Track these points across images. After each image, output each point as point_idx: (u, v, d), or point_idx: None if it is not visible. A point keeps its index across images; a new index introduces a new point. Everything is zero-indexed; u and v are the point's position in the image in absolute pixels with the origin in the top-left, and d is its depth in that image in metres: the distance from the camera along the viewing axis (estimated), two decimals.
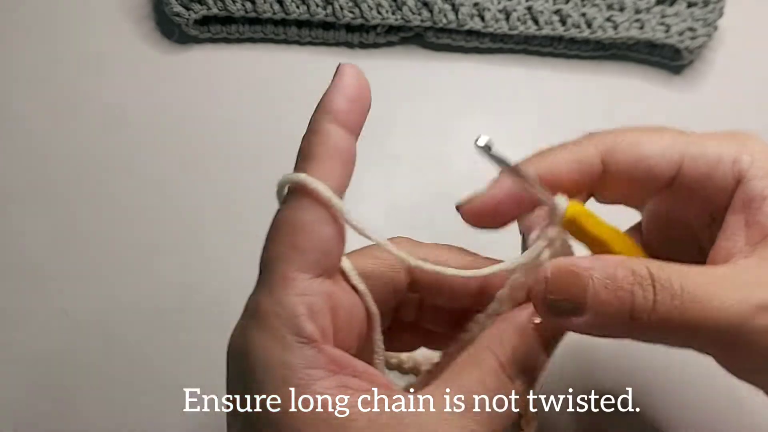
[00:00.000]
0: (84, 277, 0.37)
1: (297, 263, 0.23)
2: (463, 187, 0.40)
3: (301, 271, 0.23)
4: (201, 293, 0.37)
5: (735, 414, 0.36)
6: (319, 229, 0.23)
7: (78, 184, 0.40)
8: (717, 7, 0.42)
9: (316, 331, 0.22)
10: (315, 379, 0.22)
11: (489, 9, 0.42)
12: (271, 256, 0.23)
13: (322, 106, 0.24)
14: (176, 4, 0.41)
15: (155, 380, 0.30)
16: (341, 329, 0.24)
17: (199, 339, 0.36)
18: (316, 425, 0.22)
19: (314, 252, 0.23)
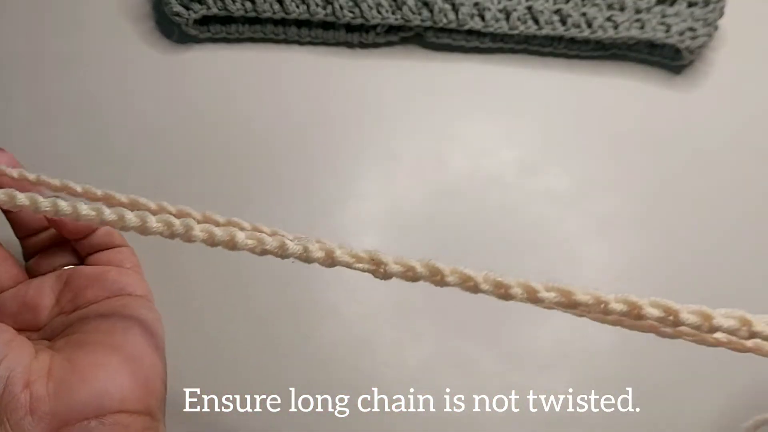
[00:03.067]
0: None
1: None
2: (463, 187, 0.41)
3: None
4: (200, 293, 0.37)
5: (735, 413, 0.36)
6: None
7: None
8: (718, 7, 0.42)
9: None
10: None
11: (489, 9, 0.42)
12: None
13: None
14: (176, 4, 0.41)
15: None
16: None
17: (199, 339, 0.36)
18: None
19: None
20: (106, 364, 0.27)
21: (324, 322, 0.37)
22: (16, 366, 0.25)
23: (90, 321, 0.29)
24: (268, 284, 0.38)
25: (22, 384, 0.25)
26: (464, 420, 0.35)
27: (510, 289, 0.26)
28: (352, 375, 0.36)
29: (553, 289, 0.25)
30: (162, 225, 0.26)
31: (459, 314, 0.37)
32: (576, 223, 0.40)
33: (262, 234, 0.26)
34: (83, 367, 0.26)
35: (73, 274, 0.31)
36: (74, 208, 0.26)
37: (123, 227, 0.26)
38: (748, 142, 0.42)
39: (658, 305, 0.23)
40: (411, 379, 0.36)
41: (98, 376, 0.26)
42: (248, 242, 0.25)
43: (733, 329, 0.23)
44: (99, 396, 0.26)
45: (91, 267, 0.32)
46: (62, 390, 0.25)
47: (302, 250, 0.26)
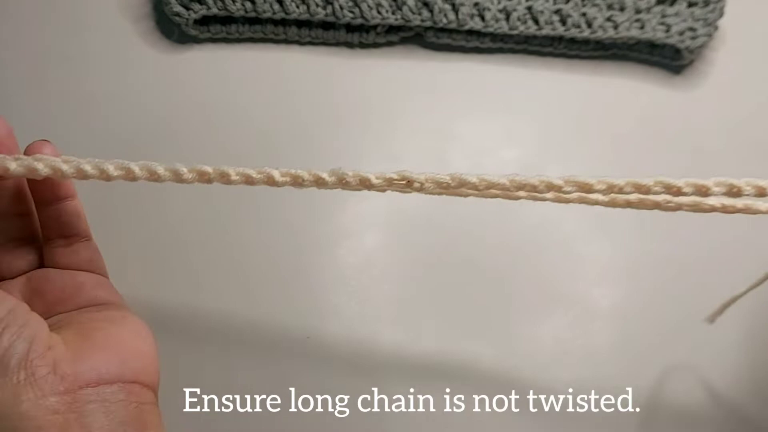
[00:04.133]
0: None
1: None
2: None
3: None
4: (201, 293, 0.37)
5: (735, 414, 0.36)
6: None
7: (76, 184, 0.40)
8: (717, 7, 0.42)
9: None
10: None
11: (489, 9, 0.42)
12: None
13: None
14: (176, 4, 0.41)
15: None
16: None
17: (199, 339, 0.36)
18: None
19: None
20: (119, 339, 0.28)
21: (324, 322, 0.37)
22: (40, 330, 0.26)
23: (83, 315, 0.29)
24: (268, 284, 0.38)
25: (45, 345, 0.25)
26: (464, 420, 0.35)
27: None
28: (352, 375, 0.36)
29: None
30: (195, 174, 0.29)
31: (459, 314, 0.37)
32: (576, 223, 0.40)
33: (297, 171, 0.29)
34: (97, 340, 0.27)
35: (43, 281, 0.30)
36: (100, 169, 0.28)
37: (157, 178, 0.29)
38: (748, 142, 0.42)
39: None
40: (411, 379, 0.36)
41: (114, 347, 0.27)
42: (285, 179, 0.29)
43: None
44: (118, 364, 0.26)
45: (61, 274, 0.31)
46: (82, 356, 0.26)
47: (336, 180, 0.30)
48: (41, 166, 0.28)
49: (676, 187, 0.26)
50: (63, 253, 0.31)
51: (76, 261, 0.31)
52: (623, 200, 0.29)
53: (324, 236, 0.39)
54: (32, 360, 0.24)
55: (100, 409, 0.25)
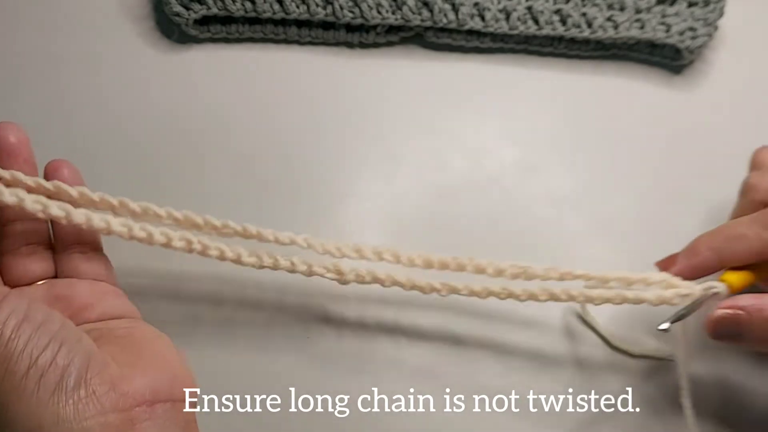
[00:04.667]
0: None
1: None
2: (463, 186, 0.41)
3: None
4: (201, 292, 0.37)
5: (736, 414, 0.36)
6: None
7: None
8: (718, 7, 0.42)
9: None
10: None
11: (489, 9, 0.42)
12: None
13: None
14: (176, 4, 0.41)
15: None
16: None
17: (199, 339, 0.36)
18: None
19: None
20: (167, 356, 0.28)
21: (324, 322, 0.37)
22: (94, 346, 0.26)
23: (114, 329, 0.29)
24: (268, 284, 0.38)
25: (101, 363, 0.25)
26: (464, 420, 0.35)
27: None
28: (352, 375, 0.36)
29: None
30: (185, 242, 0.31)
31: (459, 314, 0.37)
32: (576, 223, 0.40)
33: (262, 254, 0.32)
34: (145, 356, 0.27)
35: (67, 288, 0.30)
36: (107, 222, 0.30)
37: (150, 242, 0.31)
38: (748, 142, 0.42)
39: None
40: (411, 379, 0.36)
41: (164, 364, 0.27)
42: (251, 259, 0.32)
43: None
44: (169, 382, 0.27)
45: (85, 283, 0.31)
46: (136, 373, 0.26)
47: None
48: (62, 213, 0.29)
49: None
50: (81, 260, 0.31)
51: (92, 270, 0.31)
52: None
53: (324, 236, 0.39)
54: (91, 378, 0.24)
55: (153, 427, 0.25)
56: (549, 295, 0.33)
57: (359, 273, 0.33)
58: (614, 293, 0.32)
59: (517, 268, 0.33)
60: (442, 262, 0.33)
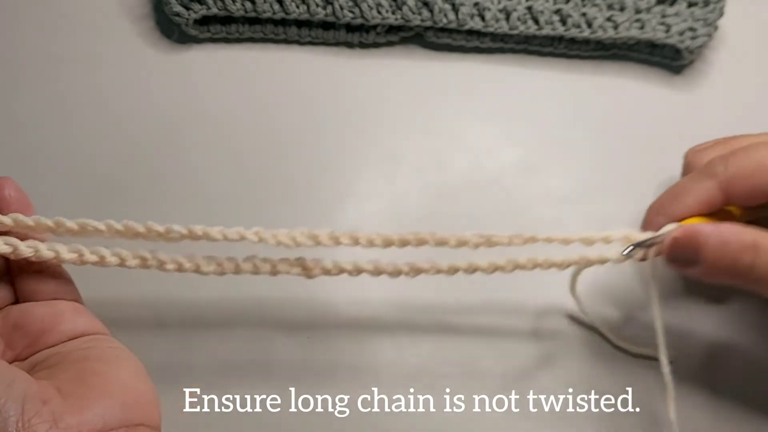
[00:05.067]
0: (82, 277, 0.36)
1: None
2: (464, 186, 0.41)
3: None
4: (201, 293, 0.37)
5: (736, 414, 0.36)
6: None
7: (76, 184, 0.40)
8: (717, 7, 0.42)
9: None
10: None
11: (489, 9, 0.42)
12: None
13: None
14: (176, 4, 0.41)
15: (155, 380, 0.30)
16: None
17: (199, 339, 0.36)
18: None
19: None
20: (118, 381, 0.27)
21: (324, 322, 0.37)
22: (30, 386, 0.25)
23: (70, 353, 0.28)
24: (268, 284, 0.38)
25: (40, 401, 0.24)
26: (464, 420, 0.35)
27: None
28: (352, 375, 0.36)
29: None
30: (117, 258, 0.30)
31: (459, 314, 0.37)
32: (576, 223, 0.40)
33: (222, 259, 0.31)
34: (96, 385, 0.26)
35: (21, 316, 0.29)
36: (55, 251, 0.29)
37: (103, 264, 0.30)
38: None
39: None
40: (411, 379, 0.36)
41: (115, 391, 0.26)
42: (211, 268, 0.31)
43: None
44: (121, 409, 0.26)
45: (39, 306, 0.30)
46: (83, 404, 0.25)
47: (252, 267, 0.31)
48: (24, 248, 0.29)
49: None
50: (37, 281, 0.30)
51: (49, 289, 0.30)
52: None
53: None
54: (29, 419, 0.24)
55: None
56: (514, 264, 0.32)
57: (324, 266, 0.31)
58: (578, 256, 0.33)
59: (479, 237, 0.32)
60: (402, 239, 0.32)
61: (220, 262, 0.31)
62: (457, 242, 0.32)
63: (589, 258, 0.33)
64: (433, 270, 0.32)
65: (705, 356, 0.37)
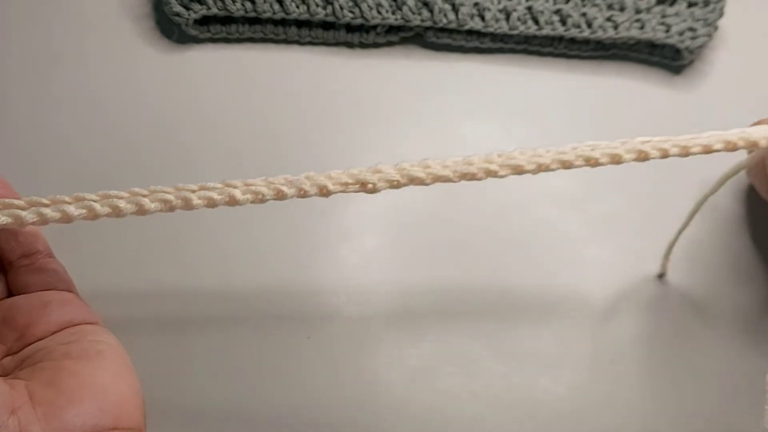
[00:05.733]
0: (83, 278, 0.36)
1: None
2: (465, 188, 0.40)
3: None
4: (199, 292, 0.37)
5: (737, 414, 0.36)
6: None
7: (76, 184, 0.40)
8: (717, 7, 0.42)
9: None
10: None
11: (489, 9, 0.42)
12: None
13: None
14: (176, 4, 0.41)
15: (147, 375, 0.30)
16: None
17: (198, 339, 0.36)
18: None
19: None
20: (94, 383, 0.26)
21: (324, 322, 0.37)
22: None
23: (53, 349, 0.28)
24: (268, 284, 0.38)
25: (7, 412, 0.24)
26: (464, 420, 0.35)
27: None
28: (353, 375, 0.36)
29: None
30: (159, 203, 0.27)
31: (459, 314, 0.37)
32: (576, 223, 0.40)
33: (257, 186, 0.28)
34: (70, 389, 0.26)
35: (9, 310, 0.29)
36: (63, 212, 0.27)
37: (119, 214, 0.27)
38: None
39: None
40: (411, 380, 0.36)
41: (89, 395, 0.26)
42: (247, 197, 0.28)
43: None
44: (95, 413, 0.25)
45: (26, 298, 0.29)
46: (53, 412, 0.25)
47: (296, 192, 0.29)
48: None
49: (594, 158, 0.29)
50: (26, 272, 0.30)
51: (40, 280, 0.30)
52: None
53: (324, 235, 0.39)
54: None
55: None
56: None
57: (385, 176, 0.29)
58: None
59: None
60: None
61: (258, 190, 0.28)
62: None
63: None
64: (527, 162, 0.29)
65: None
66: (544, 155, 0.29)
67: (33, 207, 0.27)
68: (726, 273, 0.38)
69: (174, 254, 0.38)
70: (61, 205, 0.27)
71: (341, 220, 0.39)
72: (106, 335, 0.29)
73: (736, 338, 0.37)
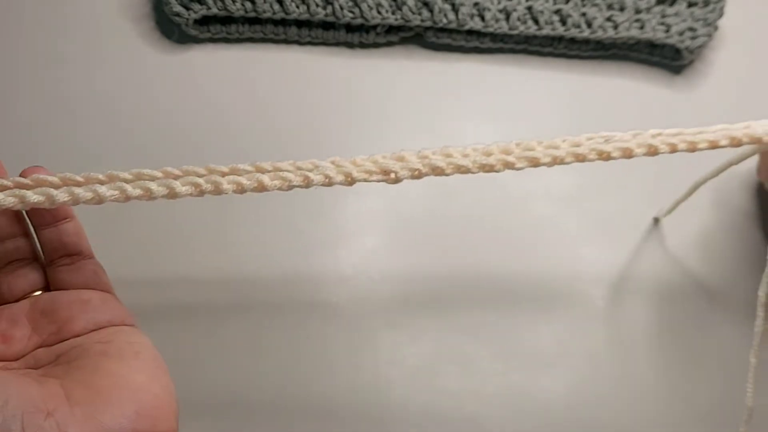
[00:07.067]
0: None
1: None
2: (463, 186, 0.41)
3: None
4: (199, 292, 0.37)
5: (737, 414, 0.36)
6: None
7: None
8: (717, 7, 0.42)
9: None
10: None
11: (489, 9, 0.42)
12: None
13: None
14: (176, 4, 0.41)
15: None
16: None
17: (198, 339, 0.36)
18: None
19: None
20: (131, 385, 0.26)
21: (324, 322, 0.37)
22: (26, 402, 0.24)
23: (90, 347, 0.28)
24: (269, 285, 0.38)
25: (42, 414, 0.24)
26: (464, 420, 0.35)
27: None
28: (353, 375, 0.36)
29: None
30: (190, 186, 0.28)
31: (459, 314, 0.37)
32: (576, 222, 0.40)
33: (285, 172, 0.29)
34: (107, 390, 0.26)
35: (50, 303, 0.29)
36: (95, 192, 0.27)
37: (151, 197, 0.28)
38: None
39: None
40: (411, 380, 0.36)
41: (126, 397, 0.26)
42: (275, 183, 0.28)
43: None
44: (131, 416, 0.25)
45: (68, 294, 0.30)
46: (90, 413, 0.24)
47: (324, 178, 0.28)
48: (31, 194, 0.27)
49: (606, 152, 0.31)
50: (67, 271, 0.30)
51: (80, 279, 0.30)
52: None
53: (324, 235, 0.39)
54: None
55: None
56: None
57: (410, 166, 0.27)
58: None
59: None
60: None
61: (284, 176, 0.28)
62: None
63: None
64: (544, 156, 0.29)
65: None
66: (561, 146, 0.29)
67: (65, 186, 0.27)
68: (738, 264, 0.39)
69: (174, 253, 0.38)
70: (93, 185, 0.27)
71: (341, 219, 0.39)
72: (142, 337, 0.29)
73: (745, 326, 0.37)
